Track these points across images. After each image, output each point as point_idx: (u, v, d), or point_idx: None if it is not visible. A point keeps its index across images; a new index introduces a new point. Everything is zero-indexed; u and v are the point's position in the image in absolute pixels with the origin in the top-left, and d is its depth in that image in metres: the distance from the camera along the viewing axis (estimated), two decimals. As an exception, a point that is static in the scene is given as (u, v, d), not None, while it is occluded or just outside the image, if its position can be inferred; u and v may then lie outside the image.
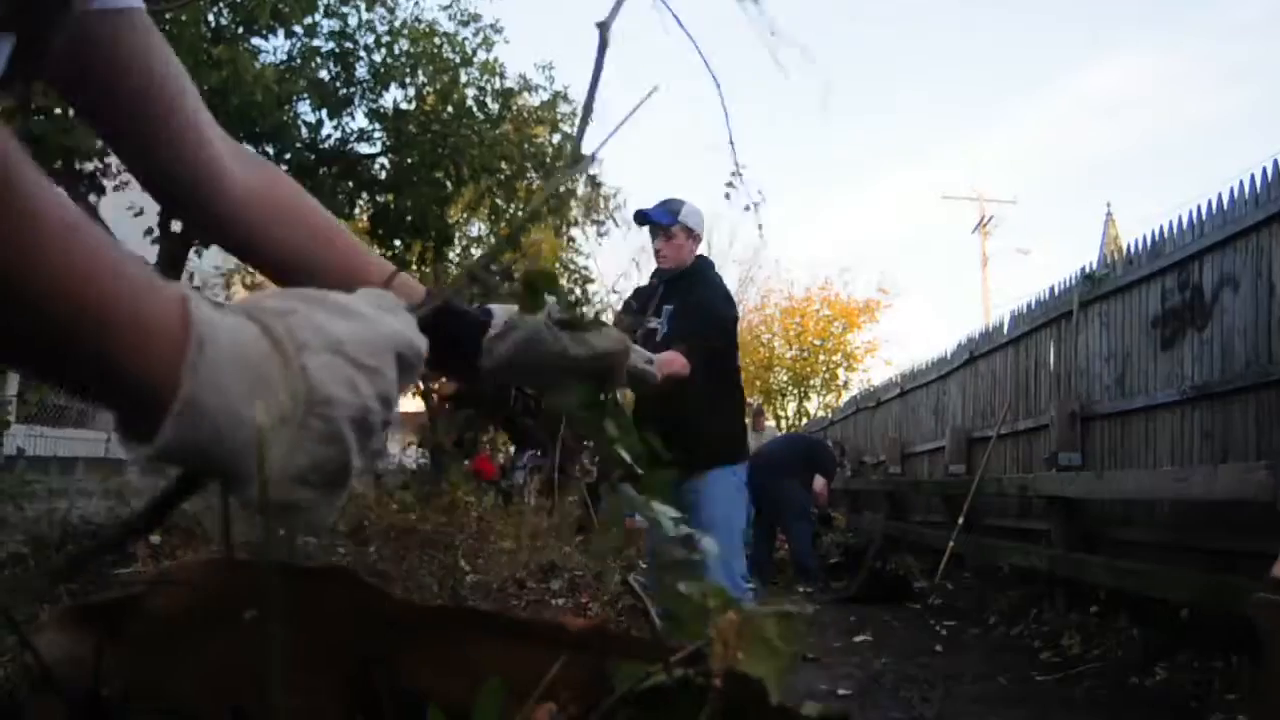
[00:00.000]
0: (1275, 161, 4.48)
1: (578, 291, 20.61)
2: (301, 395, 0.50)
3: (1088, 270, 6.51)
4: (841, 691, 4.38)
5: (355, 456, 0.52)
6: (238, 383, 0.48)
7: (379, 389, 0.52)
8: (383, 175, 13.77)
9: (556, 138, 14.77)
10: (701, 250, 4.05)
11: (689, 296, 3.71)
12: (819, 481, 8.71)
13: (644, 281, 4.23)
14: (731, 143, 1.82)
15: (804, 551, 8.29)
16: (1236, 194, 4.80)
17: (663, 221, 3.79)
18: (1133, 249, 5.97)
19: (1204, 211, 5.08)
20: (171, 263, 10.29)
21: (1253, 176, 4.66)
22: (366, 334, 0.52)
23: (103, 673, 0.84)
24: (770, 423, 11.30)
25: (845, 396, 20.77)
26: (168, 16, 7.80)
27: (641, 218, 3.85)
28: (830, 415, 16.71)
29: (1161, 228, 5.54)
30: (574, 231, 17.01)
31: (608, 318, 2.93)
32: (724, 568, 3.45)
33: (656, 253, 3.85)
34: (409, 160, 13.25)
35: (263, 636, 0.54)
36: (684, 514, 2.76)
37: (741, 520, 3.94)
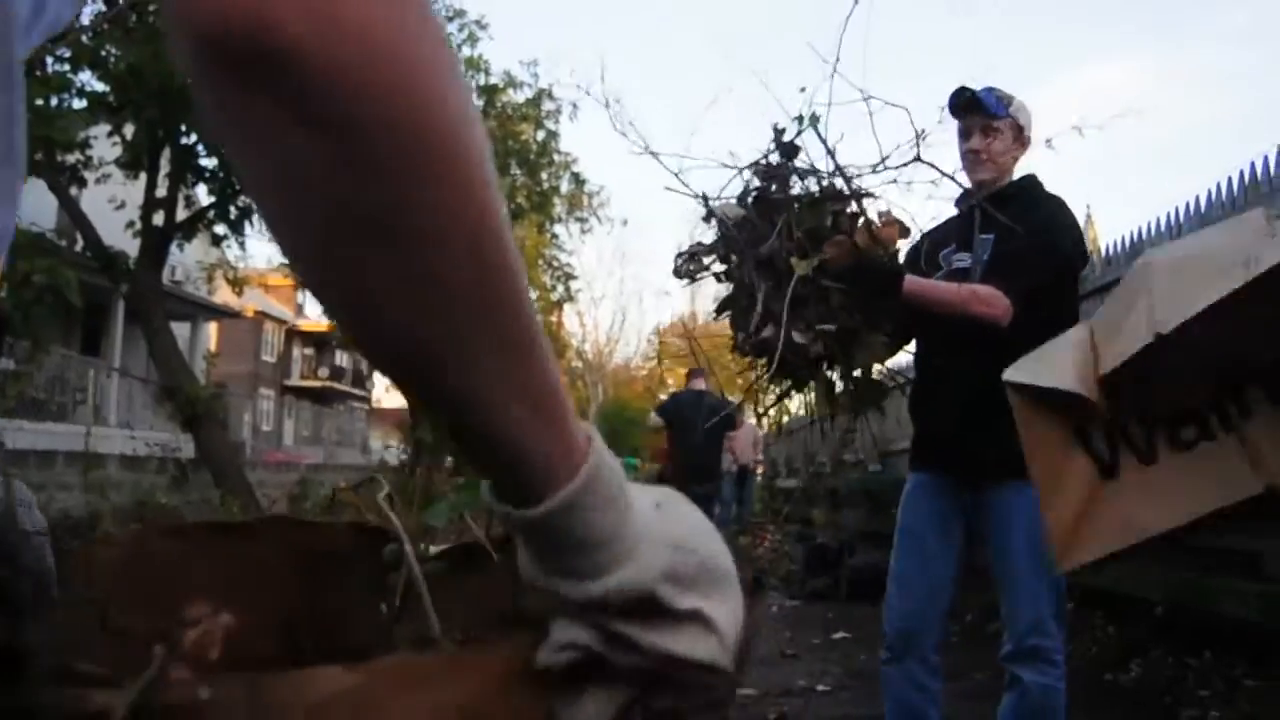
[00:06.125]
0: (1251, 166, 4.55)
1: (560, 288, 20.63)
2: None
3: (1067, 271, 6.57)
4: (820, 687, 4.42)
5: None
6: (623, 490, 0.51)
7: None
8: (366, 169, 13.72)
9: (540, 134, 14.76)
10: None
11: (1021, 220, 2.48)
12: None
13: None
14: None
15: None
16: (1214, 197, 4.86)
17: (993, 109, 2.58)
18: (1111, 250, 6.03)
19: (1181, 214, 5.15)
20: (154, 256, 10.21)
21: (1229, 179, 4.72)
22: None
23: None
24: (750, 421, 11.06)
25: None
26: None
27: (966, 99, 2.59)
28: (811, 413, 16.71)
29: (1140, 229, 5.60)
30: (557, 228, 17.02)
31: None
32: (1048, 602, 2.62)
33: (970, 155, 2.62)
34: (393, 155, 13.21)
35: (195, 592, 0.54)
36: (985, 531, 2.70)
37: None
